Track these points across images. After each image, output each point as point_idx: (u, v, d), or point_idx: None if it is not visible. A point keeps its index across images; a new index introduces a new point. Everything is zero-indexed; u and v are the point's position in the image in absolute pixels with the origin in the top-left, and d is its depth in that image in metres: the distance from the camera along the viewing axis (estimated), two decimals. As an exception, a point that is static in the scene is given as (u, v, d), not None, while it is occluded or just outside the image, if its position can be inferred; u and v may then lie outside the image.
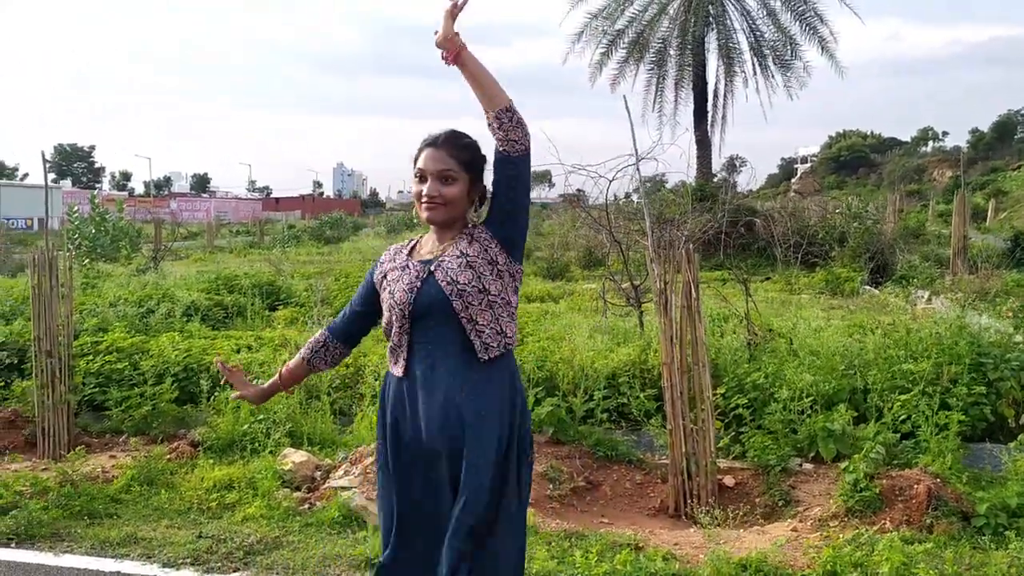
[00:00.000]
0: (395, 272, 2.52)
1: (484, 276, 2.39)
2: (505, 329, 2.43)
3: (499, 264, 2.43)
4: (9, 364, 8.28)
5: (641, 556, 4.22)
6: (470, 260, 2.40)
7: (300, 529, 4.78)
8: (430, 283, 2.41)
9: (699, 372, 5.62)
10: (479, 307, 2.38)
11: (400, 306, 2.42)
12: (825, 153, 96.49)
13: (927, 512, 4.63)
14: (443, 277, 2.39)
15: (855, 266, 16.21)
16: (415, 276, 2.44)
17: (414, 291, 2.41)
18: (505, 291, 2.44)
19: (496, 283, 2.41)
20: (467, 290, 2.37)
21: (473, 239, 2.45)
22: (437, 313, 2.38)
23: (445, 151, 2.44)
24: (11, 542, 4.67)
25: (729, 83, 25.93)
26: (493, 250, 2.43)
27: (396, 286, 2.47)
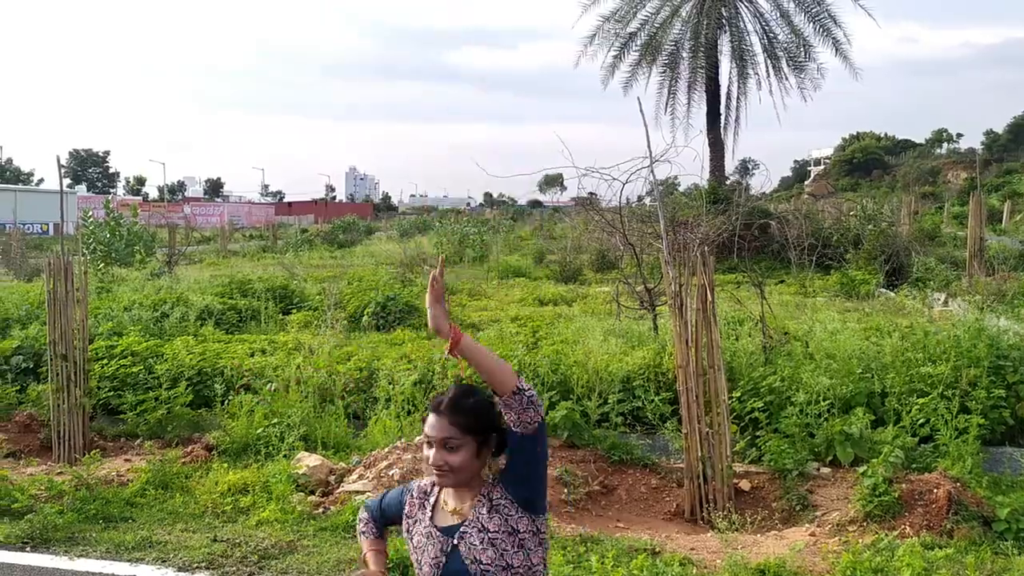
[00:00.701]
0: (420, 536, 2.52)
1: (507, 553, 2.39)
2: None
3: (520, 532, 2.41)
4: (25, 368, 8.33)
5: (658, 561, 4.18)
6: (491, 537, 2.39)
7: (315, 533, 4.77)
8: (454, 559, 2.41)
9: (714, 375, 5.58)
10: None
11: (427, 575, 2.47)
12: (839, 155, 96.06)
13: (947, 517, 4.58)
14: (467, 554, 2.39)
15: (870, 269, 16.08)
16: (439, 550, 2.45)
17: (440, 567, 2.43)
18: (529, 558, 2.42)
19: (518, 554, 2.40)
20: (490, 570, 2.38)
21: (493, 507, 2.43)
22: None
23: (447, 418, 2.40)
24: (26, 546, 4.68)
25: (742, 85, 25.81)
26: (514, 517, 2.41)
27: (423, 556, 2.48)
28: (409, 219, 55.39)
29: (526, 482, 2.39)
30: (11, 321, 10.33)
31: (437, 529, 2.44)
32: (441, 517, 2.47)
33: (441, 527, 2.44)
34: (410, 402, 6.66)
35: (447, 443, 2.37)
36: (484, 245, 25.21)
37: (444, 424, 2.37)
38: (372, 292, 12.44)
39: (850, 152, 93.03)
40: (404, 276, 16.34)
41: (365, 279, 15.19)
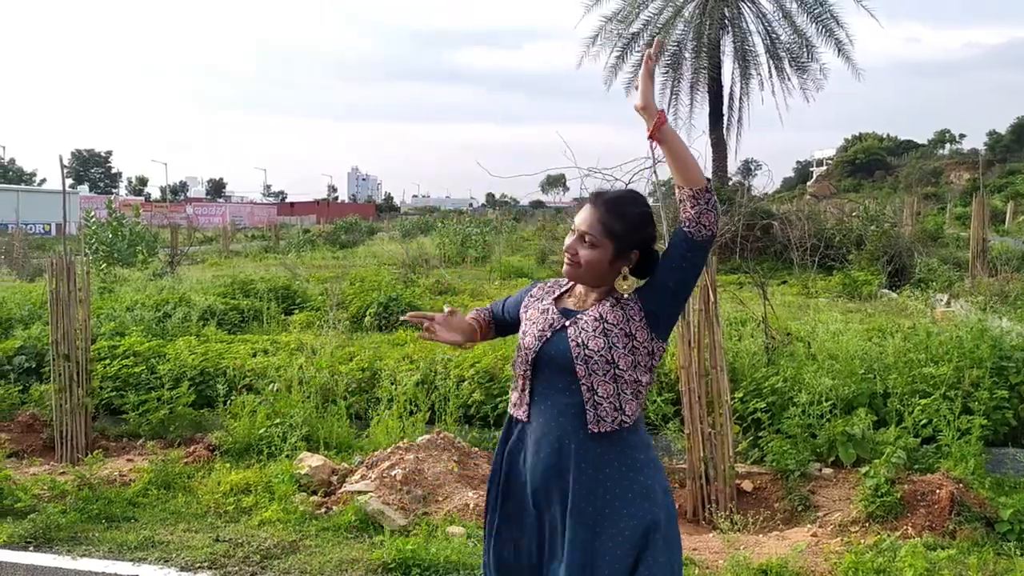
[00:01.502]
0: (536, 311, 2.45)
1: (616, 347, 2.28)
2: (624, 407, 2.30)
3: (636, 338, 2.31)
4: (28, 368, 8.33)
5: (660, 561, 4.18)
6: (607, 327, 2.30)
7: (317, 533, 4.77)
8: (560, 337, 2.33)
9: (717, 376, 5.58)
10: (602, 377, 2.28)
11: (526, 350, 2.37)
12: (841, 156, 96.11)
13: (950, 518, 4.57)
14: (575, 336, 2.31)
15: (873, 269, 16.08)
16: (548, 325, 2.37)
17: (543, 340, 2.35)
18: (635, 368, 2.31)
19: (627, 358, 2.29)
20: (594, 357, 2.28)
21: (619, 304, 2.34)
22: (559, 370, 2.31)
23: (599, 213, 2.33)
24: (29, 545, 4.68)
25: (745, 86, 25.91)
26: (635, 322, 2.31)
27: (531, 327, 2.39)
28: (411, 219, 55.40)
29: (666, 294, 2.30)
30: (13, 321, 10.34)
31: (556, 308, 2.39)
32: (562, 302, 2.42)
33: (560, 308, 2.39)
34: (412, 402, 6.66)
35: (586, 236, 2.31)
36: (486, 246, 25.22)
37: (591, 218, 2.32)
38: (374, 292, 12.44)
39: (852, 153, 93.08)
40: (406, 276, 16.35)
41: (367, 279, 15.19)
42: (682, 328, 5.58)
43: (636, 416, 2.33)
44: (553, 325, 2.35)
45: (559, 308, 2.40)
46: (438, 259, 22.06)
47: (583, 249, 2.32)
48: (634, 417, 2.31)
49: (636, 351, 2.29)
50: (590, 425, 2.27)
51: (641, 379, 2.30)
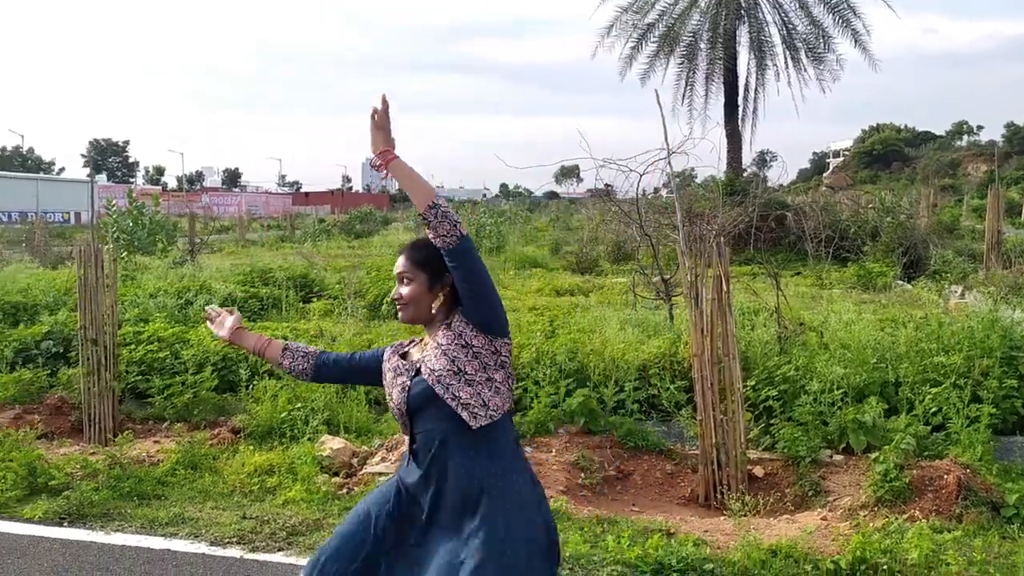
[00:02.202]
0: (391, 374, 2.73)
1: (458, 359, 2.56)
2: (488, 402, 2.57)
3: (475, 346, 2.59)
4: (55, 353, 8.53)
5: (672, 541, 4.32)
6: (444, 348, 2.58)
7: (340, 512, 4.92)
8: (418, 380, 2.61)
9: (729, 364, 5.68)
10: (459, 385, 2.55)
11: (398, 406, 2.64)
12: (858, 147, 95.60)
13: (956, 502, 4.68)
14: (425, 370, 2.60)
15: (888, 261, 16.09)
16: (407, 377, 2.66)
17: (406, 390, 2.63)
18: (484, 369, 2.59)
19: (472, 363, 2.57)
20: (443, 374, 2.55)
21: (450, 327, 2.63)
22: (427, 402, 2.58)
23: (404, 256, 2.68)
24: (63, 521, 4.86)
25: (760, 77, 25.82)
26: (468, 334, 2.59)
27: (393, 389, 2.68)
28: (426, 209, 55.46)
29: (470, 301, 2.57)
30: (39, 307, 10.56)
31: (406, 361, 2.71)
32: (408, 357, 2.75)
33: (410, 360, 2.71)
34: (429, 388, 6.80)
35: (402, 277, 2.66)
36: (500, 236, 25.33)
37: (401, 261, 2.69)
38: (391, 282, 12.59)
39: (869, 144, 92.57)
40: (421, 266, 16.47)
41: (383, 269, 15.34)
42: (695, 317, 5.70)
43: (502, 410, 2.60)
44: (408, 373, 2.66)
45: (407, 364, 2.71)
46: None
47: (404, 288, 2.66)
48: (502, 409, 2.59)
49: (479, 355, 2.57)
50: (469, 423, 2.54)
51: (494, 377, 2.59)
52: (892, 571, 3.85)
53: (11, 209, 53.03)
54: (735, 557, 4.13)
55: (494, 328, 2.60)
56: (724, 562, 4.10)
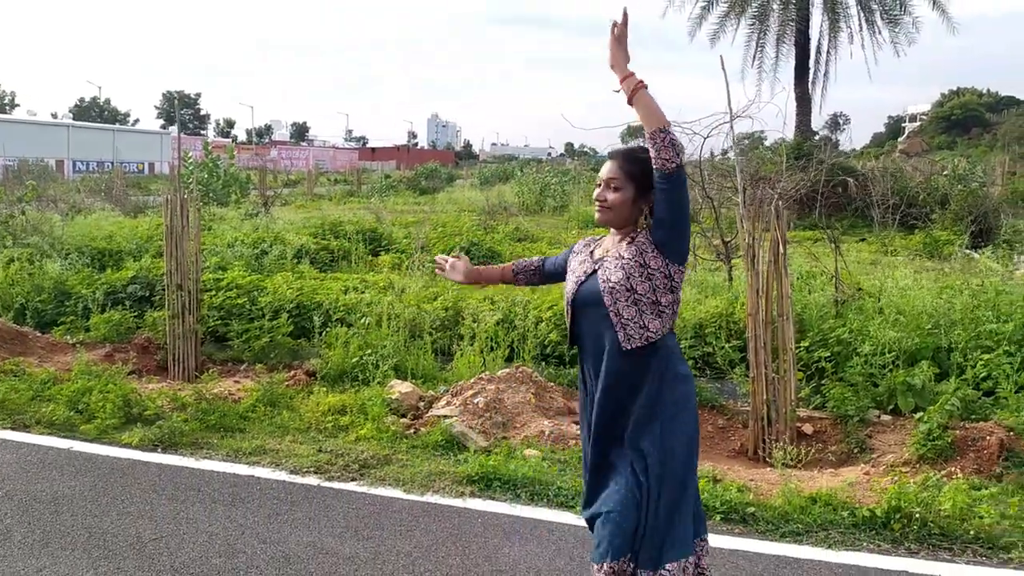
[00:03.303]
0: (576, 263, 2.96)
1: (633, 277, 2.73)
2: (648, 325, 2.74)
3: (650, 267, 2.75)
4: (141, 296, 9.09)
5: (718, 486, 4.58)
6: (624, 263, 2.76)
7: (407, 449, 5.30)
8: (592, 280, 2.83)
9: (783, 324, 5.86)
10: (624, 303, 2.73)
11: (568, 294, 2.90)
12: (936, 111, 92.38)
13: (997, 462, 4.84)
14: (602, 275, 2.80)
15: (956, 229, 15.84)
16: (583, 272, 2.88)
17: (579, 284, 2.87)
18: (653, 292, 2.74)
19: (644, 284, 2.73)
20: (616, 288, 2.74)
21: (633, 242, 2.81)
22: (593, 304, 2.80)
23: (617, 163, 2.83)
24: (158, 448, 5.34)
25: (833, 39, 25.19)
26: (648, 254, 2.74)
27: (570, 277, 2.93)
28: (490, 167, 55.71)
29: (661, 224, 2.75)
30: (123, 253, 11.19)
31: (591, 258, 2.93)
32: (595, 254, 2.95)
33: (594, 257, 2.92)
34: (492, 339, 7.13)
35: (611, 183, 2.84)
36: (564, 195, 25.46)
37: (612, 167, 2.84)
38: (456, 238, 12.96)
39: (948, 108, 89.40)
40: (486, 223, 16.81)
41: (449, 225, 15.71)
42: (751, 277, 5.88)
43: (661, 332, 2.78)
44: (587, 271, 2.88)
45: (593, 259, 2.92)
46: (517, 207, 22.43)
47: (610, 194, 2.81)
48: (660, 333, 2.77)
49: (652, 277, 2.75)
50: (622, 343, 2.74)
51: (661, 300, 2.76)
52: (925, 520, 4.06)
53: (89, 159, 54.79)
54: (776, 503, 4.38)
55: (676, 255, 2.78)
56: (765, 507, 4.35)
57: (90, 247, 11.35)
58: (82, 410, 5.84)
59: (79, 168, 52.13)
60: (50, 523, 4.12)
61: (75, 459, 5.10)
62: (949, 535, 4.02)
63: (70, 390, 6.08)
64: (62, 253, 10.93)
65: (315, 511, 4.36)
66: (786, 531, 4.13)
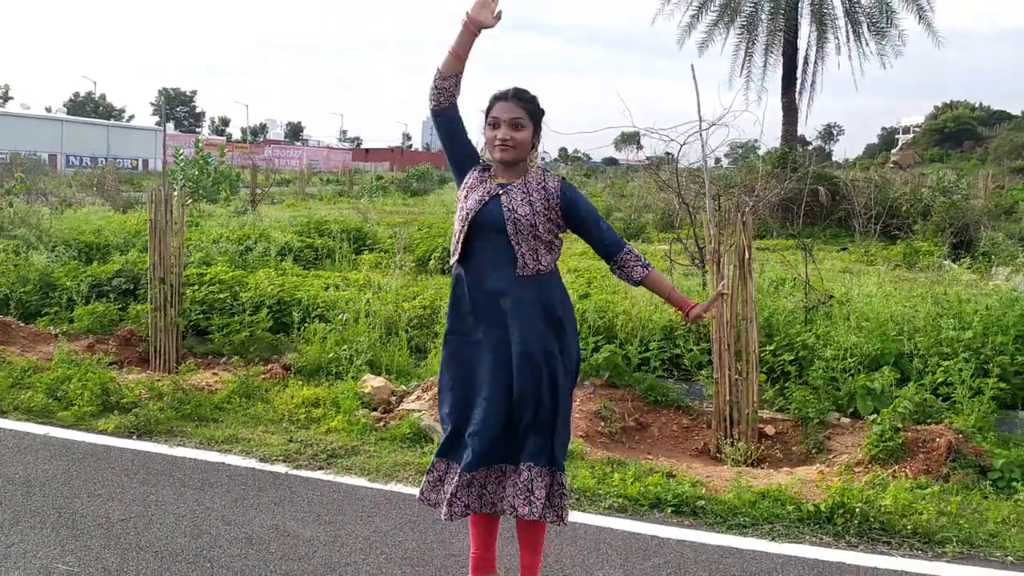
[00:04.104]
0: (474, 179, 3.09)
1: (538, 215, 2.97)
2: (540, 259, 3.01)
3: (552, 213, 3.02)
4: (125, 289, 9.22)
5: (671, 481, 4.74)
6: (531, 200, 2.97)
7: (376, 441, 5.45)
8: (494, 203, 2.99)
9: (747, 327, 6.04)
10: (525, 235, 2.96)
11: (467, 211, 3.01)
12: (929, 124, 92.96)
13: (945, 464, 5.00)
14: (506, 202, 2.97)
15: (936, 240, 16.09)
16: (486, 192, 3.02)
17: (482, 203, 3.01)
18: (549, 232, 3.02)
19: (546, 225, 3.00)
20: (520, 220, 2.95)
21: (545, 188, 3.04)
22: (492, 228, 2.99)
23: (514, 103, 2.98)
24: (132, 435, 5.47)
25: (820, 49, 25.39)
26: (553, 201, 3.01)
27: (471, 195, 3.04)
28: (483, 170, 55.78)
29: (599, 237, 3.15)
30: (110, 247, 11.31)
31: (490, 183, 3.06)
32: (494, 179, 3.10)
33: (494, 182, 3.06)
34: (468, 338, 7.27)
35: (515, 122, 2.98)
36: (552, 199, 25.57)
37: (513, 106, 2.99)
38: (440, 238, 13.10)
39: (941, 121, 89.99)
40: (472, 225, 16.93)
41: (435, 226, 15.85)
42: (716, 280, 6.06)
43: (550, 267, 3.06)
44: (489, 192, 3.03)
45: (491, 183, 3.07)
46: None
47: (516, 132, 2.99)
48: (550, 266, 3.05)
49: (550, 220, 3.02)
50: (518, 270, 2.98)
51: (555, 240, 3.06)
52: (867, 515, 4.23)
53: (83, 154, 54.82)
54: (727, 497, 4.54)
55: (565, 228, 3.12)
56: (716, 501, 4.51)
57: (77, 240, 11.47)
58: (60, 397, 5.97)
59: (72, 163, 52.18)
60: (21, 504, 4.25)
61: (50, 444, 5.24)
62: (888, 530, 4.18)
63: (49, 378, 6.21)
64: (49, 245, 11.05)
65: (281, 496, 4.50)
66: (733, 524, 4.29)
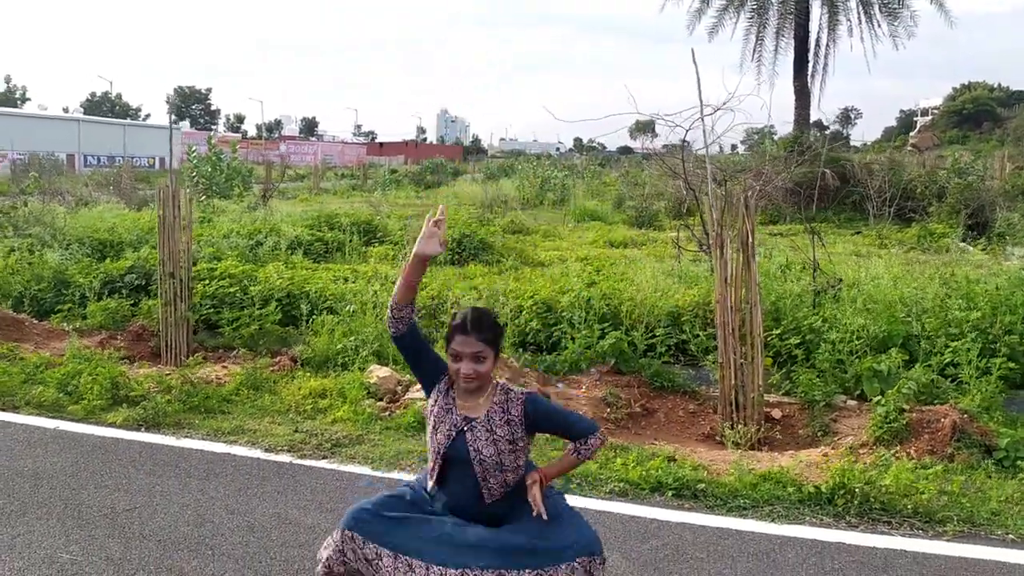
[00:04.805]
0: (440, 408, 3.03)
1: (503, 453, 2.95)
2: (509, 483, 3.00)
3: (518, 443, 2.98)
4: (137, 285, 9.31)
5: (672, 465, 4.75)
6: (496, 439, 2.95)
7: (380, 431, 5.49)
8: (461, 440, 2.96)
9: (751, 311, 6.02)
10: (492, 471, 2.96)
11: (438, 444, 2.99)
12: (947, 106, 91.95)
13: (950, 443, 4.98)
14: (472, 442, 2.95)
15: (951, 222, 15.94)
16: (453, 426, 2.98)
17: (450, 438, 2.97)
18: (517, 458, 3.00)
19: (511, 456, 2.97)
20: (486, 461, 2.95)
21: (508, 420, 2.97)
22: (461, 462, 2.97)
23: (475, 336, 2.90)
24: (141, 427, 5.54)
25: (832, 32, 25.19)
26: (519, 435, 2.97)
27: (440, 427, 3.00)
28: (497, 162, 55.88)
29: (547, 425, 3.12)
30: (124, 244, 11.42)
31: (456, 411, 3.02)
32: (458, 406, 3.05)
33: (458, 413, 3.02)
34: (474, 327, 7.29)
35: (476, 356, 2.91)
36: (565, 189, 25.60)
37: (473, 340, 2.91)
38: (450, 230, 13.12)
39: (960, 103, 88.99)
40: (483, 216, 16.98)
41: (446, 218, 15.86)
42: (719, 265, 6.04)
43: (519, 475, 3.03)
44: (456, 426, 2.99)
45: (458, 413, 3.02)
46: (517, 201, 22.59)
47: (479, 366, 2.93)
48: (516, 480, 3.02)
49: (517, 449, 2.99)
50: (485, 499, 2.98)
51: (520, 463, 3.03)
52: (868, 496, 4.22)
53: (99, 153, 55.23)
54: (728, 480, 4.55)
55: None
56: (717, 484, 4.52)
57: (91, 238, 11.58)
58: (71, 392, 6.05)
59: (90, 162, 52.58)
60: (29, 496, 4.32)
61: (60, 438, 5.31)
62: (889, 510, 4.18)
63: (60, 373, 6.29)
64: (63, 244, 11.16)
65: (284, 485, 4.55)
66: (733, 506, 4.30)
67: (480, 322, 2.96)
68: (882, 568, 3.64)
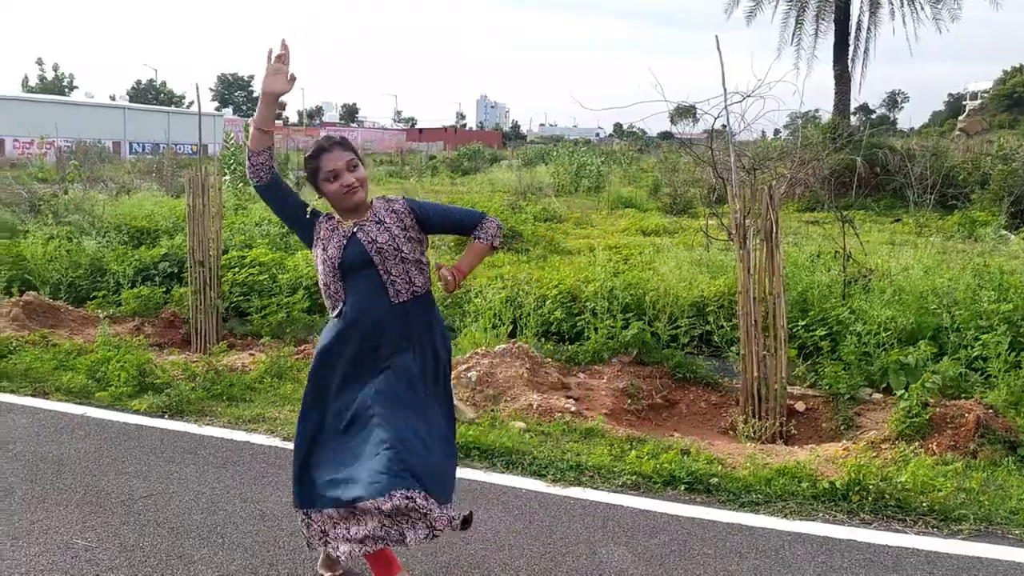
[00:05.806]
0: (326, 230, 3.10)
1: (398, 238, 3.02)
2: (414, 280, 3.06)
3: (411, 231, 3.07)
4: (170, 273, 9.47)
5: (686, 458, 4.71)
6: (387, 225, 3.03)
7: (399, 419, 5.51)
8: (353, 242, 3.02)
9: (774, 302, 5.94)
10: (393, 262, 3.01)
11: (331, 260, 3.03)
12: (997, 89, 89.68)
13: (973, 439, 4.88)
14: (363, 237, 3.01)
15: (994, 210, 15.55)
16: (343, 236, 3.05)
17: (342, 248, 3.02)
18: (415, 252, 3.06)
19: (408, 244, 3.04)
20: (384, 248, 3.00)
21: (394, 211, 3.08)
22: (361, 265, 3.01)
23: (342, 148, 3.05)
24: (164, 414, 5.64)
25: (873, 15, 24.66)
26: (407, 219, 3.07)
27: (329, 247, 3.06)
28: (535, 148, 55.70)
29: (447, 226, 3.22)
30: (159, 232, 11.59)
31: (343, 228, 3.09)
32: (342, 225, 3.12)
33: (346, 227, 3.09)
34: (498, 316, 7.31)
35: (352, 164, 3.05)
36: (600, 176, 25.44)
37: (340, 151, 3.05)
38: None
39: (1010, 86, 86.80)
40: (515, 204, 16.95)
41: (478, 205, 15.89)
42: (742, 255, 5.97)
43: (425, 287, 3.12)
44: (346, 235, 3.05)
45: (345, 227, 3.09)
46: (551, 188, 22.51)
47: (357, 172, 3.05)
48: (424, 288, 3.11)
49: (410, 238, 3.06)
50: (392, 298, 3.01)
51: (422, 259, 3.09)
52: (882, 492, 4.15)
53: (143, 140, 56.14)
54: (742, 474, 4.50)
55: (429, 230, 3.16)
56: (730, 478, 4.48)
57: (129, 226, 11.77)
58: (99, 379, 6.17)
59: (135, 149, 53.47)
60: (51, 482, 4.43)
61: (86, 424, 5.43)
62: (904, 507, 4.11)
63: (91, 360, 6.42)
64: (101, 231, 11.37)
65: (299, 474, 4.60)
66: (745, 501, 4.26)
67: (334, 137, 3.12)
68: (892, 567, 3.59)
